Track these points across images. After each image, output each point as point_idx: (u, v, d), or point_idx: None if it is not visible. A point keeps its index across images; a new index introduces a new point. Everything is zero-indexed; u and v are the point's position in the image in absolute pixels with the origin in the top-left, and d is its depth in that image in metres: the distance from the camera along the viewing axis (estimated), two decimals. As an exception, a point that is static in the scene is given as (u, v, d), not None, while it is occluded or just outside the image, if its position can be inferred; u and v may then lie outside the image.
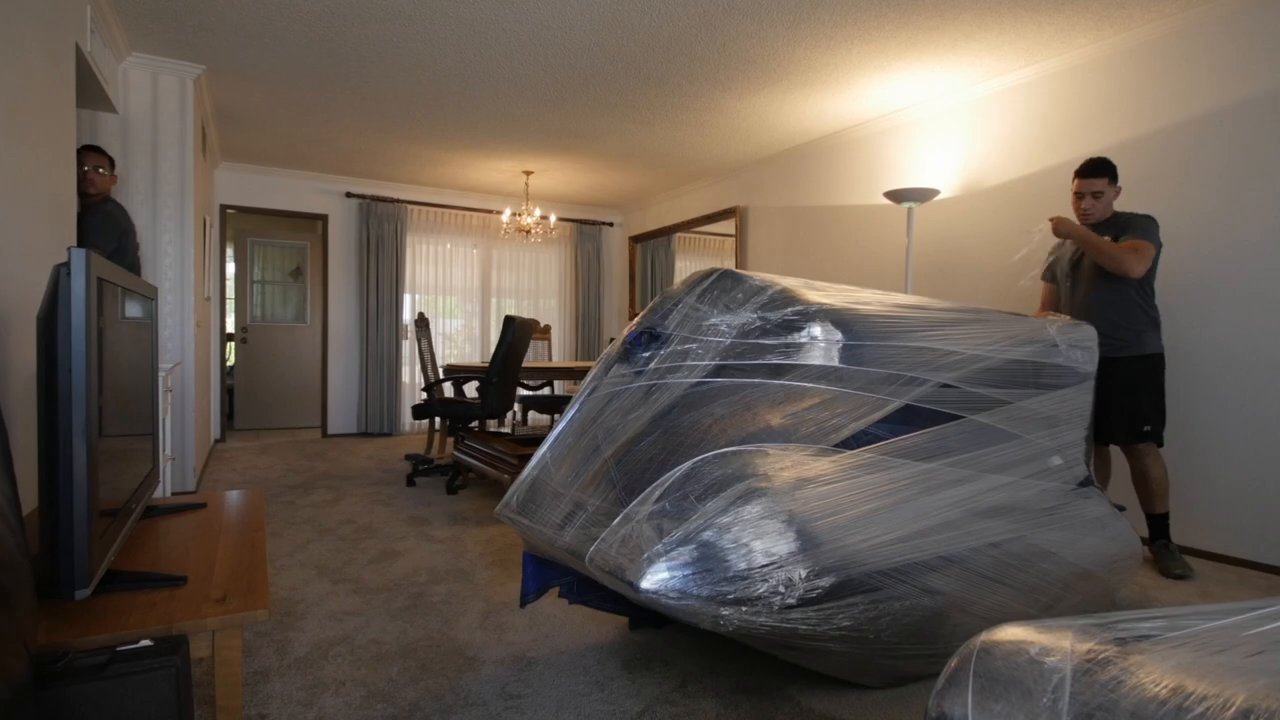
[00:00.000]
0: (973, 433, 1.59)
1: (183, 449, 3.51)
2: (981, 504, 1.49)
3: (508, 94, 3.86)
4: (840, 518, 1.32)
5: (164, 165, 3.45)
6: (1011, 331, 1.85)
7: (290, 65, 3.49)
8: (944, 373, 1.61)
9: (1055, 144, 3.34)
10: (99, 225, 2.77)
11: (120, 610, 1.09)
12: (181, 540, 1.49)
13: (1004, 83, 3.51)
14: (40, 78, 1.96)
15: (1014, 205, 3.52)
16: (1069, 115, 3.28)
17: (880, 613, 1.30)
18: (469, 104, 4.03)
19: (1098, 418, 2.59)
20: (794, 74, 3.52)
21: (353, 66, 3.50)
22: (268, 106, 4.10)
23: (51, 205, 2.07)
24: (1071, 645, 0.60)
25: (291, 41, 3.21)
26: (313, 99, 3.97)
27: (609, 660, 1.78)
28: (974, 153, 3.70)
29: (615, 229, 7.18)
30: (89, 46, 2.63)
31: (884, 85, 3.64)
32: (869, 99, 3.85)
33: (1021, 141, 3.48)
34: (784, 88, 3.71)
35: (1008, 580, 1.47)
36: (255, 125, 4.47)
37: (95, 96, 2.95)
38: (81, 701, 0.87)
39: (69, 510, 0.98)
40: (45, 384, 0.99)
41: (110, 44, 3.06)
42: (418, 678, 1.68)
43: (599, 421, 1.62)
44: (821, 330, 1.55)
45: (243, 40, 3.21)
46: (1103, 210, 2.60)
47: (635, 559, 1.27)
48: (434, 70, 3.54)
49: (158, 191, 3.41)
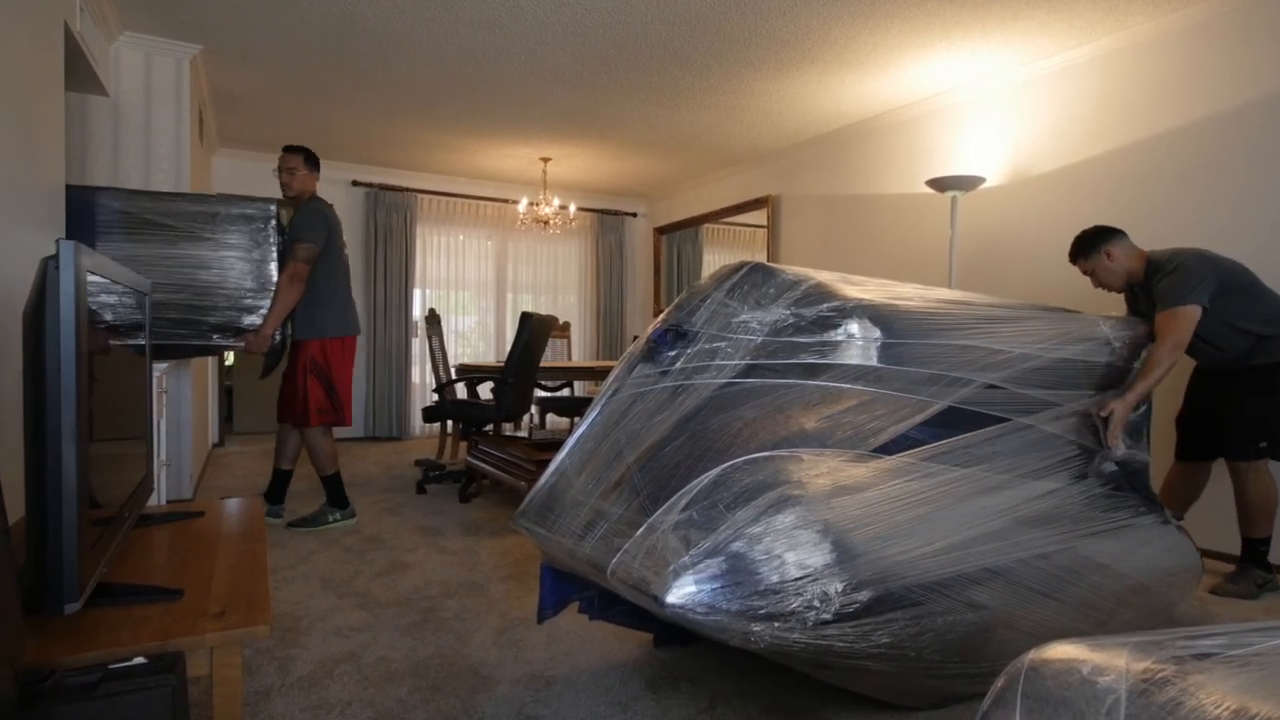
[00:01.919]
0: (1020, 437, 1.58)
1: (179, 454, 3.57)
2: (1029, 513, 1.48)
3: (524, 75, 3.87)
4: (879, 528, 1.31)
5: (158, 151, 3.48)
6: (1062, 329, 1.83)
7: (292, 43, 3.54)
8: (990, 373, 1.60)
9: (1110, 128, 3.28)
10: (309, 221, 3.01)
11: (112, 625, 1.10)
12: (177, 551, 1.50)
13: (1055, 63, 3.45)
14: (27, 60, 1.99)
15: (1066, 194, 3.45)
16: (1125, 98, 3.22)
17: (921, 629, 1.29)
18: (483, 86, 4.05)
19: (1201, 431, 2.54)
20: (830, 54, 3.48)
21: (360, 46, 3.54)
22: (268, 89, 4.17)
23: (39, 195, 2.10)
24: (1126, 664, 0.60)
25: (294, 18, 3.26)
26: (316, 81, 4.03)
27: (633, 680, 1.77)
28: (1023, 138, 3.64)
29: (639, 220, 7.18)
30: (79, 26, 2.67)
31: (926, 65, 3.59)
32: (910, 80, 3.80)
33: (1074, 126, 3.41)
34: (819, 68, 3.67)
35: (1057, 594, 1.46)
36: (255, 109, 4.54)
37: (85, 79, 3.00)
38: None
39: (58, 519, 0.98)
40: (32, 384, 0.99)
41: (101, 23, 3.12)
42: (429, 698, 1.69)
43: (622, 425, 1.62)
44: (859, 327, 1.54)
45: (242, 17, 3.26)
46: (1117, 277, 2.49)
47: (660, 571, 1.27)
48: (446, 50, 3.56)
49: (151, 179, 3.45)
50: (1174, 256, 2.35)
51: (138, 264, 2.68)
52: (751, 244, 5.93)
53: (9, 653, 0.80)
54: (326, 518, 3.22)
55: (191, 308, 2.78)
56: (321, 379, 3.13)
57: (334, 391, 3.16)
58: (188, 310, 2.78)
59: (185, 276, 2.77)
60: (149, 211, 2.73)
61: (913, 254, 4.26)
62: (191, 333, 2.80)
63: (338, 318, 3.17)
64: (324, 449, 3.21)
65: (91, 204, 2.66)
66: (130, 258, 2.68)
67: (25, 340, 1.00)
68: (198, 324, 2.81)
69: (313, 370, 3.13)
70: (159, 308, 2.72)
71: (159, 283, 2.72)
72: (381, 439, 5.99)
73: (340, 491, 3.27)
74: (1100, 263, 2.49)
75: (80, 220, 2.63)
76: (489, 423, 3.98)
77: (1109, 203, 3.27)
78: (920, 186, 4.13)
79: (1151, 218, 3.10)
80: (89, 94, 3.23)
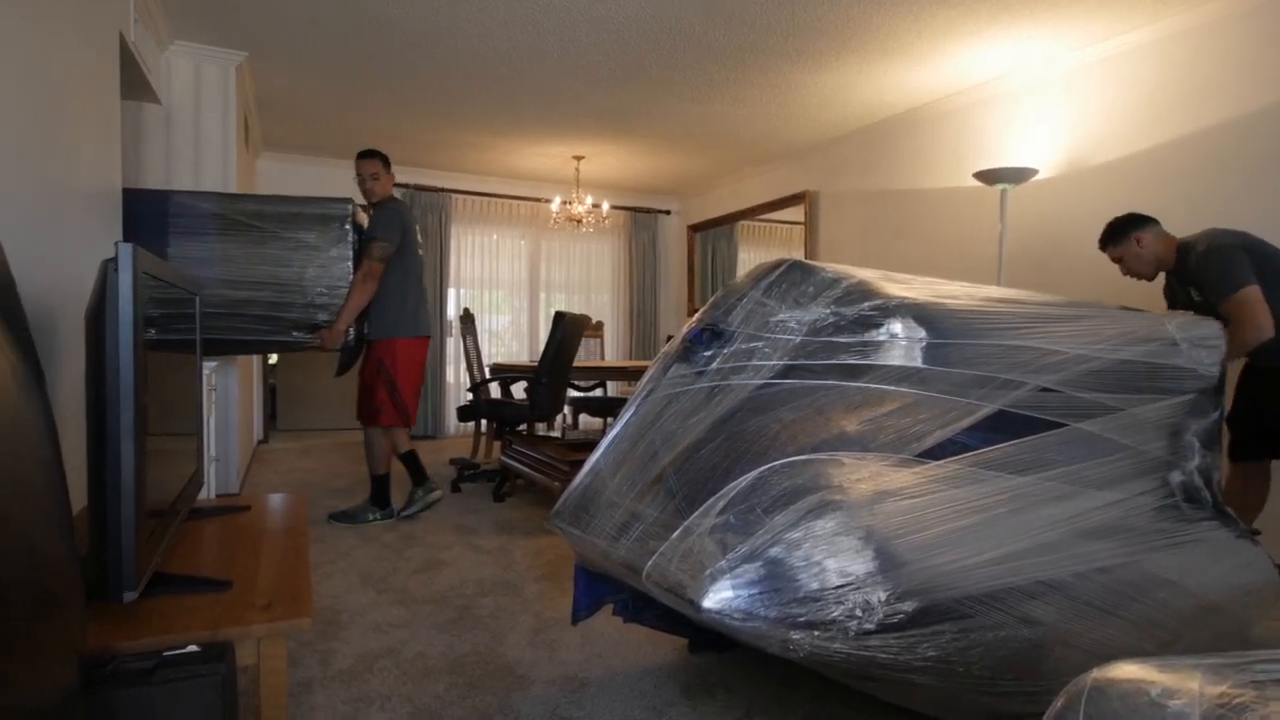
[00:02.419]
0: (1077, 443, 1.52)
1: (226, 450, 3.70)
2: (1088, 524, 1.43)
3: (557, 73, 3.90)
4: (924, 536, 1.28)
5: (206, 157, 3.62)
6: (1123, 328, 1.76)
7: (332, 48, 3.63)
8: (1044, 375, 1.55)
9: (1171, 116, 3.16)
10: (385, 221, 3.13)
11: (166, 614, 1.15)
12: (225, 544, 1.56)
13: (1111, 47, 3.34)
14: (85, 69, 2.09)
15: (1125, 185, 3.34)
16: (1186, 83, 3.10)
17: (971, 643, 1.26)
18: (517, 86, 4.11)
19: (1252, 430, 2.44)
20: (872, 43, 3.44)
21: (397, 49, 3.61)
22: (308, 93, 4.29)
23: (98, 200, 2.21)
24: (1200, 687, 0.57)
25: (333, 23, 3.34)
26: (354, 84, 4.13)
27: (667, 685, 1.78)
28: (1078, 127, 3.53)
29: (672, 217, 7.18)
30: (132, 36, 2.79)
31: (974, 52, 3.51)
32: (957, 68, 3.72)
33: (1132, 114, 3.30)
34: (860, 58, 3.63)
35: (1119, 611, 1.41)
36: (296, 113, 4.67)
37: (139, 87, 3.14)
38: (128, 706, 0.92)
39: (117, 511, 1.04)
40: (94, 382, 1.05)
41: (153, 33, 3.24)
42: (465, 695, 1.72)
43: (656, 426, 1.63)
44: (903, 327, 1.51)
45: (284, 23, 3.36)
46: (1147, 264, 2.50)
47: (696, 575, 1.26)
48: (480, 50, 3.62)
49: (200, 183, 3.59)
50: (1203, 237, 2.32)
51: (231, 263, 2.86)
52: (788, 241, 5.88)
53: (74, 639, 0.85)
54: (367, 515, 3.29)
55: (274, 304, 2.91)
56: (385, 379, 3.17)
57: (396, 392, 3.19)
58: (271, 307, 2.91)
59: (268, 275, 2.90)
60: (239, 213, 2.89)
61: (959, 250, 4.17)
62: (274, 329, 2.93)
63: (408, 318, 3.22)
64: (380, 449, 3.28)
65: (186, 207, 2.85)
66: (225, 257, 2.86)
67: (88, 339, 1.06)
68: (279, 320, 2.93)
69: (378, 370, 3.18)
70: (245, 304, 2.87)
71: (247, 280, 2.87)
72: (417, 437, 6.10)
73: (385, 493, 3.34)
74: (1130, 249, 2.48)
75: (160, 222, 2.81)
76: (522, 422, 4.03)
77: (1169, 195, 3.16)
78: (967, 179, 4.04)
79: (1214, 211, 2.98)
80: (143, 102, 3.37)
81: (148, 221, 2.79)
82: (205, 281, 2.79)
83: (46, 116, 1.75)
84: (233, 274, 2.86)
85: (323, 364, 6.74)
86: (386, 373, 3.17)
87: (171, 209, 2.82)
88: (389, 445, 3.30)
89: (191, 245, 2.83)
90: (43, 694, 0.74)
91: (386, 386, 3.18)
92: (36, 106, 1.68)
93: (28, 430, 0.81)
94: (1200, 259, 2.31)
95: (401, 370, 3.20)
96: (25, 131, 1.61)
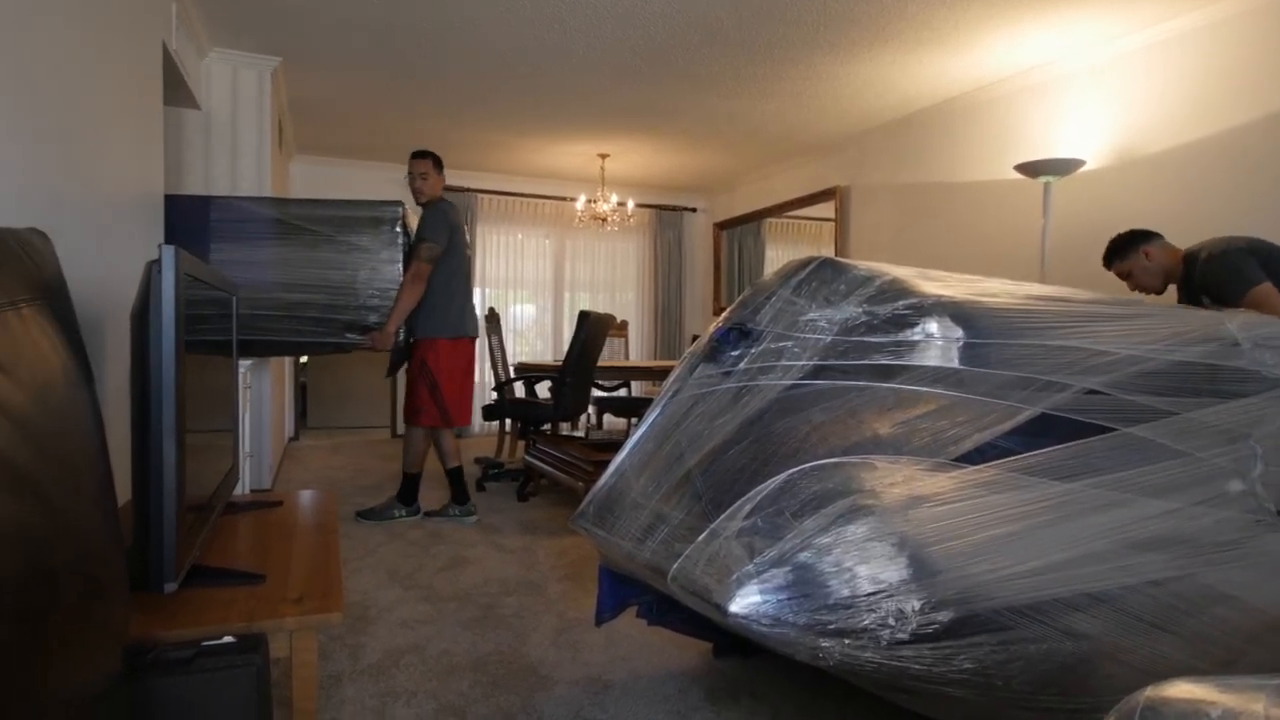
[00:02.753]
0: (1127, 448, 1.47)
1: (260, 446, 3.79)
2: (1139, 534, 1.38)
3: (582, 70, 3.92)
4: (961, 543, 1.25)
5: (243, 161, 3.74)
6: (1179, 327, 1.68)
7: (362, 51, 3.70)
8: (1090, 376, 1.50)
9: (1228, 102, 3.04)
10: (433, 222, 3.20)
11: (203, 605, 1.19)
12: (259, 538, 1.61)
13: (1164, 30, 3.23)
14: (129, 77, 2.17)
15: (1180, 176, 3.22)
16: (1245, 68, 2.98)
17: (1010, 656, 1.22)
18: (541, 83, 4.13)
19: None
20: (907, 32, 3.39)
21: (424, 48, 3.66)
22: (339, 96, 4.37)
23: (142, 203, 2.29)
24: (1265, 710, 0.54)
25: (363, 26, 3.40)
26: (382, 86, 4.19)
27: (692, 690, 1.78)
28: (1129, 114, 3.42)
29: (698, 215, 7.16)
30: (174, 44, 2.89)
31: (1015, 38, 3.43)
32: (997, 55, 3.63)
33: (1187, 101, 3.19)
34: (894, 48, 3.58)
35: (1173, 627, 1.35)
36: (327, 116, 4.77)
37: (180, 94, 3.25)
38: (168, 694, 0.95)
39: (159, 505, 1.08)
40: (138, 380, 1.09)
41: (194, 40, 3.35)
42: (489, 693, 1.75)
43: (682, 427, 1.62)
44: (939, 326, 1.48)
45: (316, 28, 3.43)
46: (1155, 277, 2.54)
47: (723, 579, 1.26)
48: (505, 48, 3.65)
49: (237, 187, 3.71)
50: (1208, 244, 2.37)
51: (286, 267, 2.95)
52: (818, 238, 5.83)
53: (118, 628, 0.89)
54: (392, 512, 3.33)
55: (329, 307, 2.98)
56: (427, 379, 3.21)
57: (438, 392, 3.21)
58: (326, 309, 2.98)
59: (321, 278, 2.98)
60: (295, 217, 2.97)
61: (999, 246, 4.08)
62: (328, 330, 3.00)
63: (452, 319, 3.25)
64: (418, 448, 3.31)
65: (248, 211, 2.97)
66: (280, 261, 2.94)
67: (133, 339, 1.10)
68: (332, 322, 3.00)
69: (421, 369, 3.22)
70: (300, 307, 2.95)
71: (301, 283, 2.95)
72: (442, 435, 6.18)
73: (413, 491, 3.37)
74: (1138, 263, 2.51)
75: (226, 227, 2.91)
76: (547, 422, 4.06)
77: (1227, 186, 3.03)
78: (1008, 172, 3.96)
79: (1276, 202, 2.89)
80: (184, 108, 3.48)
81: (217, 227, 2.90)
82: (261, 285, 2.88)
83: (95, 124, 1.82)
84: (287, 277, 2.94)
85: (352, 363, 6.85)
86: (429, 373, 3.21)
87: (234, 214, 2.93)
88: (426, 446, 3.34)
89: (250, 249, 2.92)
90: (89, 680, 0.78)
91: (428, 386, 3.21)
92: (86, 114, 1.75)
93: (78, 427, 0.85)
94: (1207, 264, 2.35)
95: (445, 371, 3.22)
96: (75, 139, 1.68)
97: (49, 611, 0.69)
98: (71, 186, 1.64)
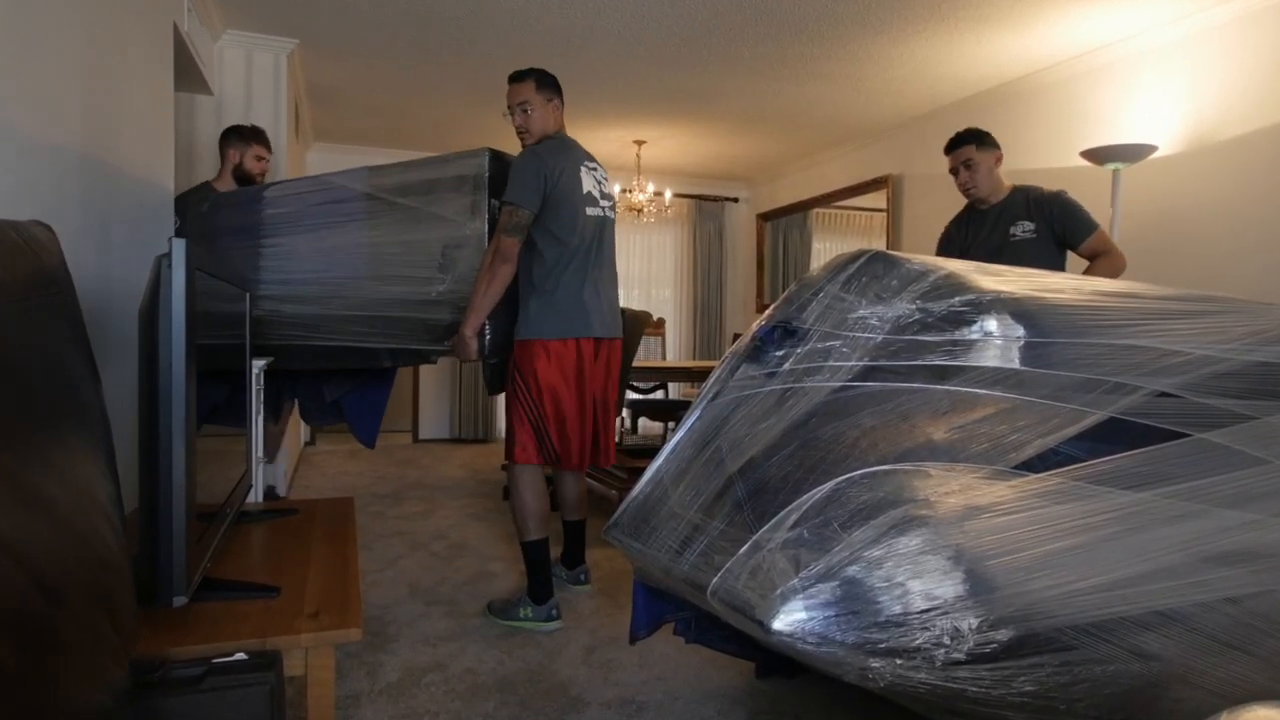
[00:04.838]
0: (1202, 456, 1.44)
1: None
2: (1214, 548, 1.35)
3: (616, 52, 3.93)
4: (1022, 557, 1.24)
5: (257, 148, 3.80)
6: (1259, 325, 1.66)
7: (382, 34, 3.76)
8: (1162, 378, 1.48)
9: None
10: (518, 176, 2.51)
11: (215, 620, 1.21)
12: (274, 549, 1.64)
13: (1242, 6, 3.13)
14: (141, 62, 2.23)
15: (1262, 161, 3.12)
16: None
17: (1074, 678, 1.21)
18: (573, 66, 4.15)
19: None
20: (964, 9, 3.33)
21: (449, 31, 3.71)
22: (359, 80, 4.45)
23: (151, 194, 2.35)
24: None
25: (385, 5, 3.46)
26: (405, 70, 4.26)
27: (732, 712, 1.77)
28: (1204, 96, 3.33)
29: (740, 205, 7.13)
30: (186, 26, 2.95)
31: (1082, 16, 3.37)
32: (1062, 34, 3.57)
33: (1272, 78, 3.09)
34: (951, 26, 3.52)
35: (1250, 647, 1.32)
36: (346, 102, 4.86)
37: (192, 79, 3.32)
38: (178, 714, 0.97)
39: (168, 513, 1.10)
40: (146, 380, 1.11)
41: (206, 22, 3.43)
42: (516, 715, 1.75)
43: (723, 431, 1.63)
44: (998, 324, 1.47)
45: (335, 7, 3.50)
46: (989, 184, 2.64)
47: (766, 595, 1.26)
48: (534, 30, 3.68)
49: (251, 177, 3.76)
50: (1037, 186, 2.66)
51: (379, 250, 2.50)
52: (868, 230, 5.75)
53: (125, 643, 0.91)
54: (518, 611, 2.35)
55: (421, 304, 2.45)
56: (521, 396, 2.41)
57: (534, 413, 2.40)
58: (418, 308, 2.45)
59: (408, 264, 2.47)
60: (382, 190, 2.50)
61: (1063, 239, 4.00)
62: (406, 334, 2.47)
63: (559, 311, 2.39)
64: (523, 500, 2.44)
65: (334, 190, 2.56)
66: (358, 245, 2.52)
67: (140, 336, 1.13)
68: (423, 322, 2.46)
69: (512, 383, 2.44)
70: (383, 305, 2.47)
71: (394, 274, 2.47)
72: (467, 441, 6.26)
73: (545, 577, 2.38)
74: (988, 161, 2.65)
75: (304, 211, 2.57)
76: (578, 426, 4.05)
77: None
78: (1074, 159, 3.86)
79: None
80: (195, 93, 3.56)
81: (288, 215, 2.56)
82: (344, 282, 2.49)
83: (103, 111, 1.87)
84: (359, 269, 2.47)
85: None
86: (521, 386, 2.40)
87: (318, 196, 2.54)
88: (538, 494, 2.46)
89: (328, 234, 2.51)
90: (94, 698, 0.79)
91: (522, 406, 2.40)
92: (94, 101, 1.80)
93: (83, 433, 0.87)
94: (1057, 198, 2.58)
95: (544, 384, 2.36)
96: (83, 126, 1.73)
97: (52, 626, 0.70)
98: (77, 177, 1.68)
